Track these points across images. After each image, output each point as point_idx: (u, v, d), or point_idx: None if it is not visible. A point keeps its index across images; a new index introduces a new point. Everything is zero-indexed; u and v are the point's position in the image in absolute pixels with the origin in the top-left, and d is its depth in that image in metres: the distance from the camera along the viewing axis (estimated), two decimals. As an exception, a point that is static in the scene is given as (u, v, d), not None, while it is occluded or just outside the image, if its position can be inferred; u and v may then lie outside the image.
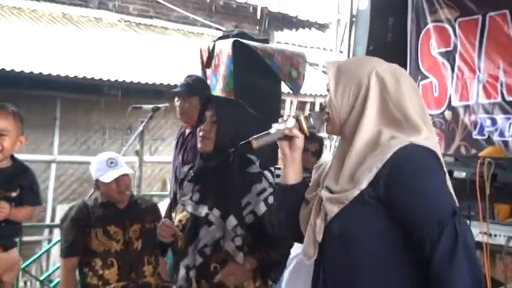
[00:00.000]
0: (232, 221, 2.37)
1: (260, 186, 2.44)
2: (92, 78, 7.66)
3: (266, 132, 1.76)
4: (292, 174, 1.79)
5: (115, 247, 3.10)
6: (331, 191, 1.66)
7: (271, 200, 2.40)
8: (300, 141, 1.75)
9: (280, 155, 1.80)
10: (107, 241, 3.09)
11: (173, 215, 2.66)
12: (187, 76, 4.04)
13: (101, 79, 7.73)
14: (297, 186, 1.79)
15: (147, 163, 7.94)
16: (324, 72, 10.52)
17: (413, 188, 1.55)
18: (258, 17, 10.65)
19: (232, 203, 2.39)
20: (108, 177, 3.11)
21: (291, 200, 1.79)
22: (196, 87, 3.90)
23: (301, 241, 1.77)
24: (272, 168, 4.56)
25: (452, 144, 4.57)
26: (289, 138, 1.74)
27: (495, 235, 2.82)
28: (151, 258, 3.20)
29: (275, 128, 1.75)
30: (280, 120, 1.76)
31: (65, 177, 8.56)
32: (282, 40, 11.67)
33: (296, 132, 1.74)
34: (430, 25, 4.84)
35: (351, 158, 1.63)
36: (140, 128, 4.56)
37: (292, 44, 11.69)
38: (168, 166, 8.03)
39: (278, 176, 4.50)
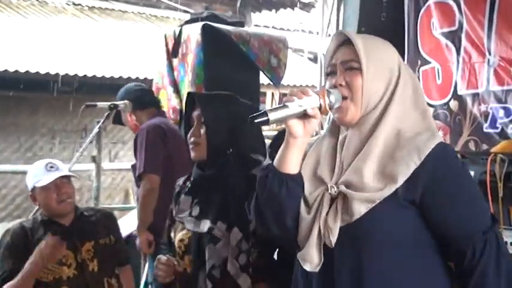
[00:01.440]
0: (236, 234, 2.30)
1: None
2: (37, 72, 7.59)
3: (282, 105, 1.66)
4: (295, 162, 1.72)
5: (67, 273, 3.01)
6: (352, 187, 1.65)
7: None
8: (316, 123, 1.69)
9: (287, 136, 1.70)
10: (56, 268, 3.00)
11: (172, 235, 2.56)
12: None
13: (47, 73, 7.67)
14: (298, 176, 1.73)
15: (106, 171, 7.89)
16: (310, 59, 10.55)
17: (460, 188, 1.67)
18: (232, -4, 10.63)
19: (236, 212, 2.30)
20: (44, 180, 3.04)
21: (291, 192, 1.71)
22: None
23: (288, 244, 1.80)
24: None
25: (460, 138, 4.59)
26: (307, 117, 1.66)
27: (511, 243, 2.85)
28: (111, 279, 3.15)
29: (296, 103, 1.64)
30: (295, 93, 1.65)
31: (6, 190, 8.47)
32: (260, 23, 11.68)
33: (317, 112, 1.66)
34: (431, 1, 4.86)
35: (377, 151, 1.66)
36: (96, 130, 4.54)
37: (272, 27, 11.70)
38: (130, 174, 8.00)
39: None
